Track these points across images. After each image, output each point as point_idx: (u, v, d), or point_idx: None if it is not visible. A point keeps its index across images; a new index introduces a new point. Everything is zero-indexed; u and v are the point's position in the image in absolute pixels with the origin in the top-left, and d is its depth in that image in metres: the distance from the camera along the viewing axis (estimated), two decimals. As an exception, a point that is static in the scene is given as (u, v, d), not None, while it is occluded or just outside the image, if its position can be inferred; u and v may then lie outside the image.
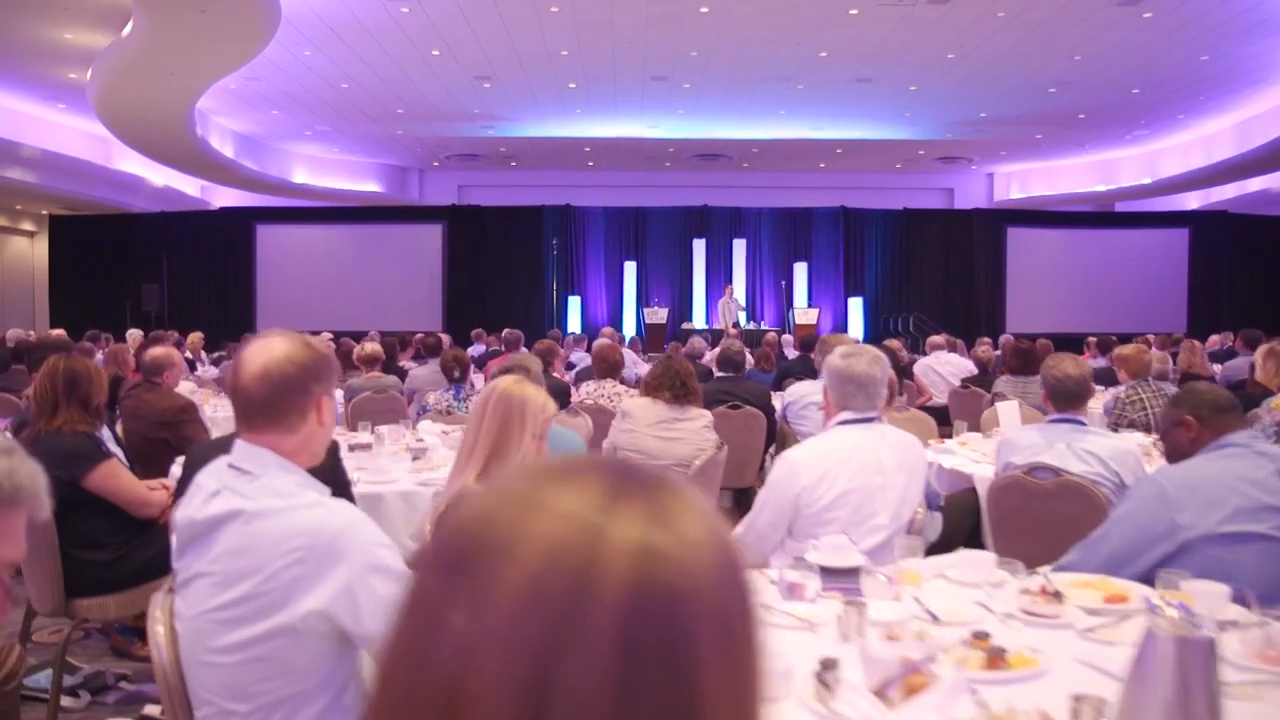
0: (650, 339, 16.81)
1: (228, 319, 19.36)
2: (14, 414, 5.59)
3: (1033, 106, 15.17)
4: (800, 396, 4.43)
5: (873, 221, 20.59)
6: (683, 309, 19.78)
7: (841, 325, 19.73)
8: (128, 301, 18.94)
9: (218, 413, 6.19)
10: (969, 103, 15.12)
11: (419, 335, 12.37)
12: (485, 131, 17.26)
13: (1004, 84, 13.91)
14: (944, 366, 7.84)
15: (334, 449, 3.02)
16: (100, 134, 15.04)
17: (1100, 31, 11.65)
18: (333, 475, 3.00)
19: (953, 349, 8.73)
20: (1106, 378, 7.48)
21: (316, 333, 13.11)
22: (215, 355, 10.89)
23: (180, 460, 3.83)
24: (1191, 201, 20.56)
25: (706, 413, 3.78)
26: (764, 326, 17.61)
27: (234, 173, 17.28)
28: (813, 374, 7.74)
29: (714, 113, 16.01)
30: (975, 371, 7.67)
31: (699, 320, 19.50)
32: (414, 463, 3.63)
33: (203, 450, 3.00)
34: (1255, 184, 18.20)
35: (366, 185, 20.15)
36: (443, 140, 17.92)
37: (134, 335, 11.47)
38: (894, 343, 7.31)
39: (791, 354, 11.26)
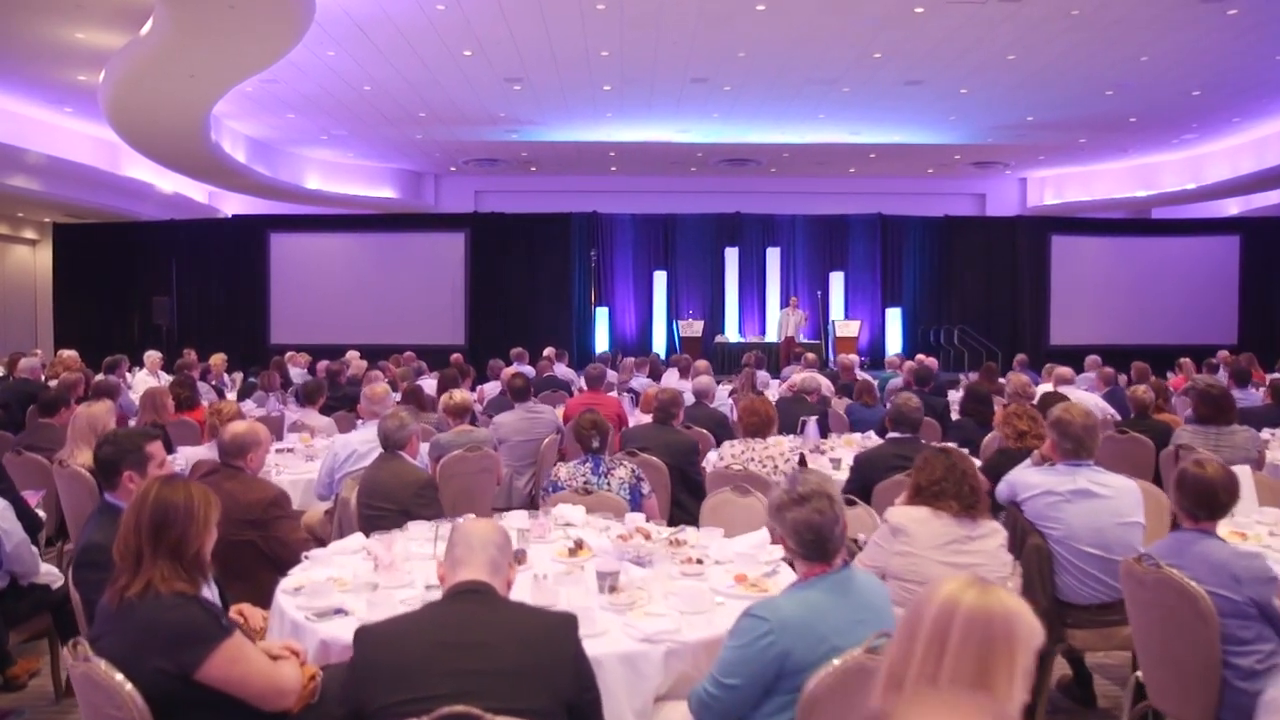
0: (686, 353, 16.05)
1: (241, 333, 18.54)
2: (47, 482, 4.72)
3: (1084, 109, 14.71)
4: (1039, 488, 3.41)
5: (911, 229, 19.78)
6: (714, 321, 18.97)
7: (880, 338, 18.99)
8: (136, 315, 18.05)
9: (282, 475, 5.12)
10: (1018, 106, 14.64)
11: (456, 356, 11.67)
12: (508, 136, 16.57)
13: (1059, 86, 13.44)
14: (1075, 404, 6.94)
15: (572, 625, 2.16)
16: (108, 139, 14.40)
17: (1174, 30, 11.20)
18: (578, 682, 2.13)
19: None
20: (1267, 417, 6.67)
21: (339, 349, 12.40)
22: (243, 379, 10.00)
23: (288, 586, 2.97)
24: (1232, 207, 19.93)
25: (999, 526, 2.86)
26: (803, 339, 16.85)
27: (245, 178, 16.55)
28: (936, 414, 6.97)
29: (750, 116, 15.45)
30: (1111, 412, 6.85)
31: (732, 333, 18.74)
32: (611, 596, 2.73)
33: (383, 640, 2.11)
34: (1304, 189, 17.59)
35: (381, 191, 19.37)
36: (462, 144, 17.24)
37: (152, 357, 10.70)
38: (1021, 377, 6.49)
39: (859, 375, 10.45)
